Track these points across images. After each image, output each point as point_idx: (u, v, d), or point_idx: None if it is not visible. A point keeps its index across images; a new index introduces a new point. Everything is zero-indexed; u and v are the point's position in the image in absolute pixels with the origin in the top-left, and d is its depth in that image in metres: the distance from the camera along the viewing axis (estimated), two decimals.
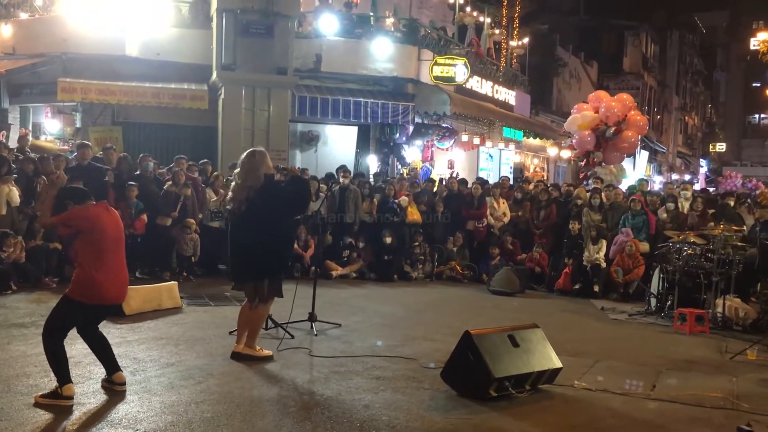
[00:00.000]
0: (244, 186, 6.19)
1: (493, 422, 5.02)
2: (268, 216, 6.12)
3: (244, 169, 6.22)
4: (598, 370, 6.63)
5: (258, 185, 6.15)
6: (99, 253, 5.06)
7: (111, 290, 5.15)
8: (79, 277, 5.10)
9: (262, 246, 6.15)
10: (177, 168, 11.42)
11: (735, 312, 9.05)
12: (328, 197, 11.50)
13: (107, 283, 5.09)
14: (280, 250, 6.42)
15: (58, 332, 5.07)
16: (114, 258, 5.18)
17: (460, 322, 7.84)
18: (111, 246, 5.16)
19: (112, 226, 5.19)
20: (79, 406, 4.89)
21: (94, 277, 5.03)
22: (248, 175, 6.18)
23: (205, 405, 5.04)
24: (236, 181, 6.33)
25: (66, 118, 16.36)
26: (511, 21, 24.13)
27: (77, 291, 5.07)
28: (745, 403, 5.66)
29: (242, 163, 6.28)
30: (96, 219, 5.11)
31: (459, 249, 12.83)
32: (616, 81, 34.78)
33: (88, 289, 5.05)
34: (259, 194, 6.14)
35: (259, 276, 6.28)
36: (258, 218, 6.13)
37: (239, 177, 6.27)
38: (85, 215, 5.12)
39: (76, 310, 5.10)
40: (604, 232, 11.86)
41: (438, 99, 16.97)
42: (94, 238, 5.06)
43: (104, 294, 5.10)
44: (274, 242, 6.25)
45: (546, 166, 27.36)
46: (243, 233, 6.19)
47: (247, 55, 14.59)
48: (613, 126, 16.37)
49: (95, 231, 5.06)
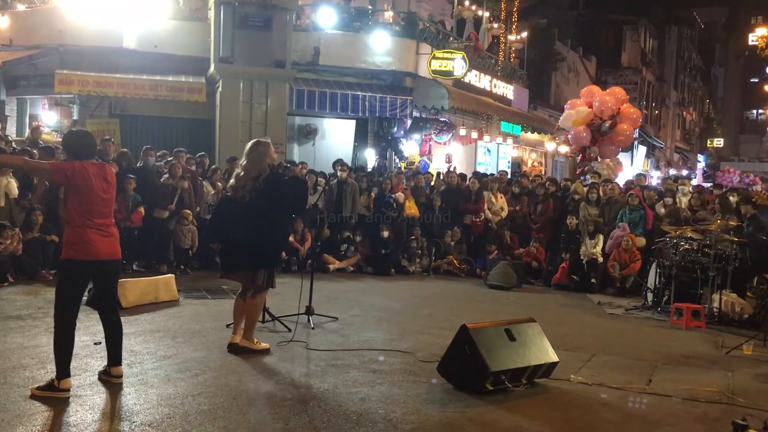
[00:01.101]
0: (248, 176, 6.21)
1: (489, 416, 5.03)
2: (271, 206, 6.18)
3: (249, 159, 6.25)
4: (594, 364, 6.64)
5: (262, 175, 6.18)
6: (88, 209, 4.99)
7: (102, 245, 5.03)
8: (68, 236, 5.05)
9: (263, 235, 6.19)
10: (174, 161, 11.40)
11: (731, 307, 9.08)
12: (326, 191, 11.49)
13: (98, 239, 5.00)
14: (280, 241, 6.45)
15: (67, 305, 5.00)
16: (103, 215, 5.09)
17: (457, 316, 7.85)
18: (99, 203, 5.06)
19: (100, 184, 5.07)
20: (76, 399, 4.89)
21: (84, 233, 4.96)
22: (253, 165, 6.21)
23: (202, 397, 5.05)
24: (239, 171, 6.36)
25: (63, 110, 16.32)
26: (510, 15, 24.09)
27: (68, 250, 5.01)
28: (740, 397, 5.68)
29: (247, 153, 6.31)
30: (82, 172, 4.99)
31: (456, 243, 12.85)
32: (615, 76, 34.79)
33: (79, 245, 4.97)
34: (263, 184, 6.17)
35: (259, 265, 6.30)
36: (261, 208, 6.17)
37: (243, 167, 6.30)
38: (73, 167, 5.03)
39: (71, 270, 5.03)
40: (600, 226, 11.88)
41: (436, 93, 16.94)
42: (82, 194, 4.98)
43: (95, 249, 4.99)
44: (275, 233, 6.31)
45: (544, 160, 27.37)
46: (246, 222, 6.21)
47: (244, 47, 14.55)
48: (608, 120, 16.38)
49: (81, 185, 4.97)
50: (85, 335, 6.26)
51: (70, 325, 5.02)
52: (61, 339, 5.00)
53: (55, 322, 5.05)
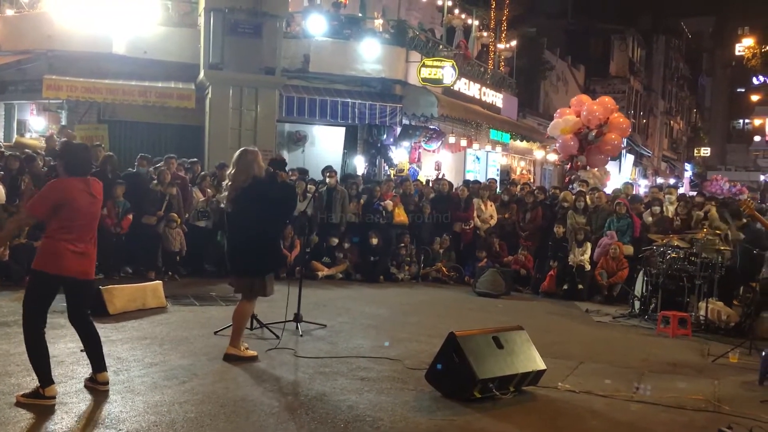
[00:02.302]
0: (235, 185, 6.22)
1: (477, 424, 5.04)
2: (258, 215, 6.17)
3: (237, 168, 6.25)
4: (581, 372, 6.66)
5: (247, 185, 6.18)
6: (67, 225, 4.93)
7: (74, 263, 4.96)
8: (43, 246, 5.02)
9: (251, 243, 6.22)
10: (164, 167, 11.37)
11: (717, 315, 9.13)
12: (315, 197, 11.49)
13: (70, 255, 4.93)
14: (269, 249, 6.46)
15: (33, 316, 4.94)
16: (84, 232, 5.03)
17: (445, 324, 7.85)
18: (81, 218, 5.01)
19: (85, 199, 5.03)
20: (62, 406, 4.86)
21: (59, 246, 4.90)
22: (240, 175, 6.21)
23: (189, 405, 5.03)
24: (227, 181, 6.38)
25: (51, 116, 16.23)
26: (499, 24, 24.20)
27: (40, 260, 4.96)
28: (726, 405, 5.71)
29: (234, 162, 6.31)
30: (69, 190, 4.97)
31: (445, 251, 12.86)
32: (603, 85, 35.01)
33: (51, 258, 4.93)
34: (248, 193, 6.17)
35: (247, 273, 6.33)
36: (248, 216, 6.19)
37: (231, 176, 6.31)
38: (59, 186, 5.01)
39: (39, 281, 4.97)
40: (588, 234, 11.93)
41: (426, 101, 16.99)
42: (64, 211, 4.92)
43: (65, 265, 4.92)
44: (263, 241, 6.30)
45: (532, 168, 27.48)
46: (234, 230, 6.31)
47: (234, 54, 14.54)
48: (594, 129, 16.47)
49: (66, 203, 4.92)
50: (71, 342, 6.22)
51: (38, 335, 4.96)
52: (33, 350, 4.95)
53: (24, 334, 4.99)
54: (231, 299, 9.19)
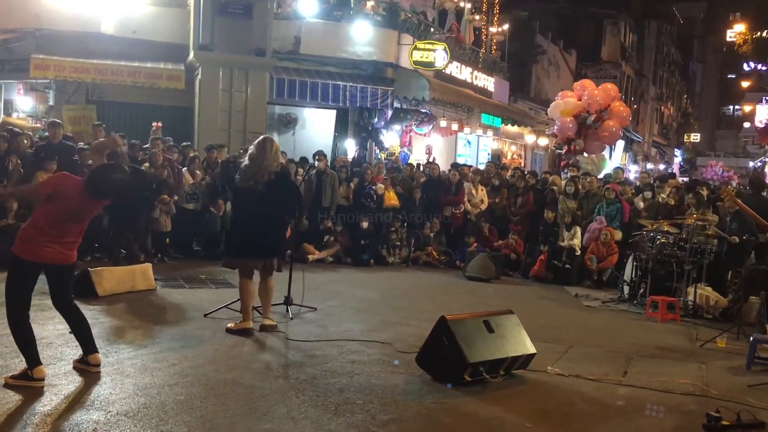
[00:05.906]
0: (263, 168, 6.60)
1: (466, 407, 5.05)
2: (280, 200, 6.74)
3: (265, 153, 6.65)
4: (571, 356, 6.70)
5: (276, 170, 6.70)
6: (53, 221, 4.90)
7: (51, 252, 4.92)
8: (23, 233, 4.97)
9: (277, 226, 6.83)
10: (154, 149, 11.27)
11: (706, 300, 9.19)
12: (305, 181, 11.44)
13: (49, 245, 4.89)
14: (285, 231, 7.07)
15: (14, 300, 4.92)
16: (66, 232, 5.00)
17: (436, 308, 7.87)
18: (70, 219, 4.99)
19: (78, 205, 4.99)
20: (51, 388, 4.83)
21: (38, 236, 4.87)
22: (267, 160, 6.63)
23: (179, 387, 5.01)
24: (248, 162, 6.71)
25: (39, 96, 16.04)
26: (492, 7, 24.09)
27: (19, 246, 4.92)
28: (714, 390, 5.76)
29: (261, 146, 6.69)
30: (69, 189, 4.96)
31: (436, 235, 12.86)
32: (594, 70, 34.93)
33: (29, 246, 4.89)
34: (279, 178, 6.72)
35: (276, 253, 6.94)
36: (275, 200, 6.67)
37: (257, 159, 6.63)
38: (65, 181, 5.05)
39: (18, 267, 4.94)
40: (578, 219, 11.95)
41: (417, 84, 16.93)
42: (54, 206, 4.90)
43: (43, 254, 4.89)
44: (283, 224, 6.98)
45: (523, 153, 27.47)
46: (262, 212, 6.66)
47: (224, 35, 14.42)
48: (594, 114, 16.43)
49: (59, 198, 4.90)
50: (60, 323, 6.13)
51: (21, 318, 4.94)
52: (17, 334, 4.92)
53: (7, 318, 4.95)
54: (221, 282, 9.21)
